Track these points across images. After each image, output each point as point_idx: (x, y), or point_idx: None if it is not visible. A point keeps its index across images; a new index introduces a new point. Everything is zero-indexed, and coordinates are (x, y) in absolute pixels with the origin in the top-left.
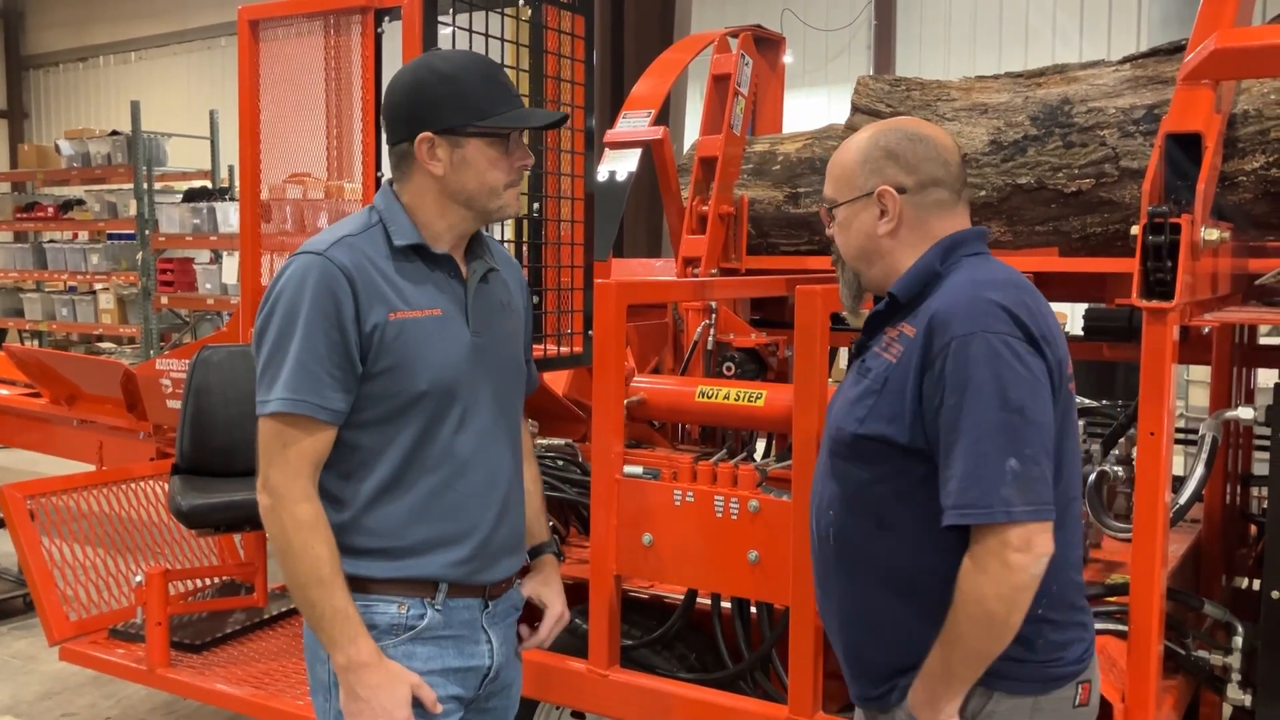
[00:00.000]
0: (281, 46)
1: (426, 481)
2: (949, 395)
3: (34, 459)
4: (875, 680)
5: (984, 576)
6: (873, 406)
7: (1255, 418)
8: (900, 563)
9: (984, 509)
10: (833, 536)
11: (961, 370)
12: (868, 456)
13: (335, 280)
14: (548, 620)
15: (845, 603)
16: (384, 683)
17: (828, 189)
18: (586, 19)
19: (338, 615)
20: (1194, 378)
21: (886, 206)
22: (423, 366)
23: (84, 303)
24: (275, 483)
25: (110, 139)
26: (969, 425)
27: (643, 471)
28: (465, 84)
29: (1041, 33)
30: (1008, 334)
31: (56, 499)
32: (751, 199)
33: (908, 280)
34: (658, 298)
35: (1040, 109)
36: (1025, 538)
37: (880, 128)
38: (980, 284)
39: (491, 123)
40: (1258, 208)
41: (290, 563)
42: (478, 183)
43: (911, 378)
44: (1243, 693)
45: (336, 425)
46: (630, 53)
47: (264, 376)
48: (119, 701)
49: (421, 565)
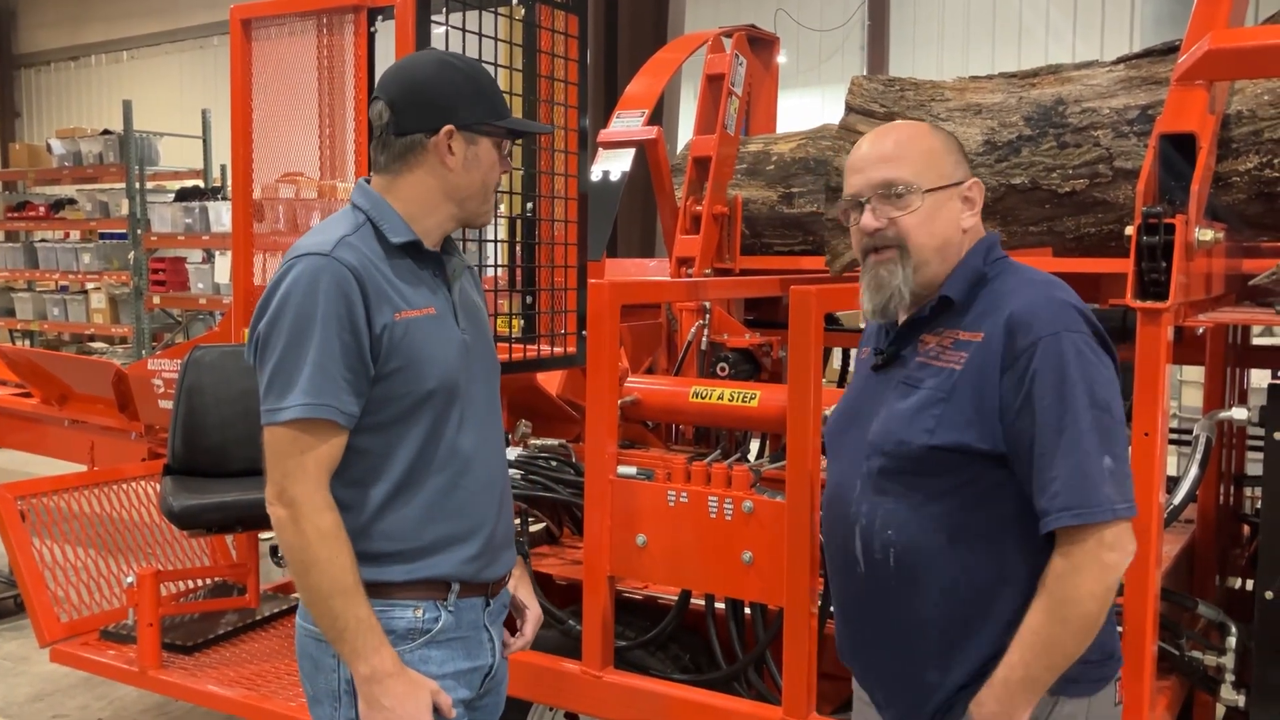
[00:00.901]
0: (274, 46)
1: (435, 481)
2: (1042, 396)
3: (25, 459)
4: (936, 704)
5: (1080, 576)
6: (941, 416)
7: (1249, 418)
8: (974, 574)
9: (1094, 508)
10: (893, 558)
11: (1055, 370)
12: (939, 468)
13: (346, 282)
14: (529, 621)
15: (905, 626)
16: (408, 692)
17: (903, 172)
18: (580, 18)
19: (362, 625)
20: (1187, 378)
21: (974, 198)
22: (429, 365)
23: (75, 302)
24: (295, 494)
25: (102, 138)
26: (1067, 425)
27: (636, 472)
28: (483, 85)
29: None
30: (1087, 334)
31: (47, 499)
32: (745, 199)
33: (959, 280)
34: (651, 298)
35: (1034, 109)
36: (1118, 536)
37: (924, 124)
38: (1046, 284)
39: (507, 124)
40: (1251, 208)
41: (313, 575)
42: (481, 182)
43: (991, 381)
44: (1236, 693)
45: (349, 430)
46: (624, 52)
47: (275, 382)
48: (111, 703)
49: (436, 565)
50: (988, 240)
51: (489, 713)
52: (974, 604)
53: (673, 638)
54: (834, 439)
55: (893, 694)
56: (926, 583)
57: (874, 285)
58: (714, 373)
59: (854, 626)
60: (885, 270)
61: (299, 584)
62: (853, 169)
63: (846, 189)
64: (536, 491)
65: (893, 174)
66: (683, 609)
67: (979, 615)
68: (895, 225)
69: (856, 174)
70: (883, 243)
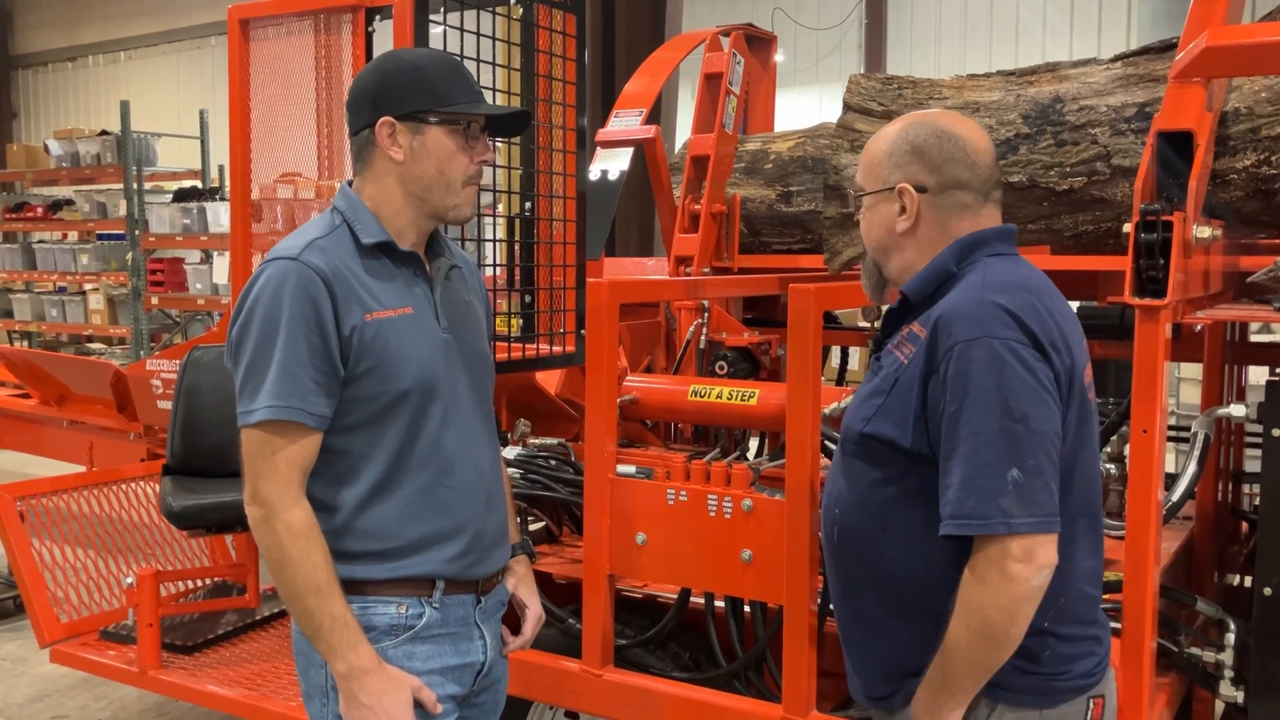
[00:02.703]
0: (272, 46)
1: (416, 479)
2: (950, 401)
3: (24, 460)
4: (879, 680)
5: (983, 586)
6: (880, 406)
7: (1247, 415)
8: (902, 567)
9: (982, 519)
10: (837, 535)
11: (963, 376)
12: (874, 457)
13: (313, 284)
14: (529, 620)
15: (848, 602)
16: (386, 688)
17: (858, 176)
18: (578, 17)
19: (336, 623)
20: (1185, 375)
21: (905, 204)
22: (403, 365)
23: (74, 303)
24: (267, 493)
25: (100, 139)
26: (969, 433)
27: (636, 471)
28: (430, 73)
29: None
30: (1013, 339)
31: (46, 500)
32: (744, 198)
33: (920, 279)
34: (650, 297)
35: (1032, 107)
36: (1027, 549)
37: (913, 120)
38: (989, 286)
39: (451, 109)
40: (1248, 205)
41: (287, 573)
42: (436, 173)
43: (917, 382)
44: (1235, 689)
45: (322, 431)
46: (621, 51)
47: (246, 386)
48: (110, 704)
49: (418, 563)
50: (970, 239)
51: (487, 711)
52: (899, 593)
53: (672, 636)
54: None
55: (852, 664)
56: (860, 564)
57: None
58: (713, 371)
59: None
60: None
61: (276, 582)
62: None
63: None
64: (536, 491)
65: (857, 176)
66: (682, 607)
67: (904, 606)
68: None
69: None
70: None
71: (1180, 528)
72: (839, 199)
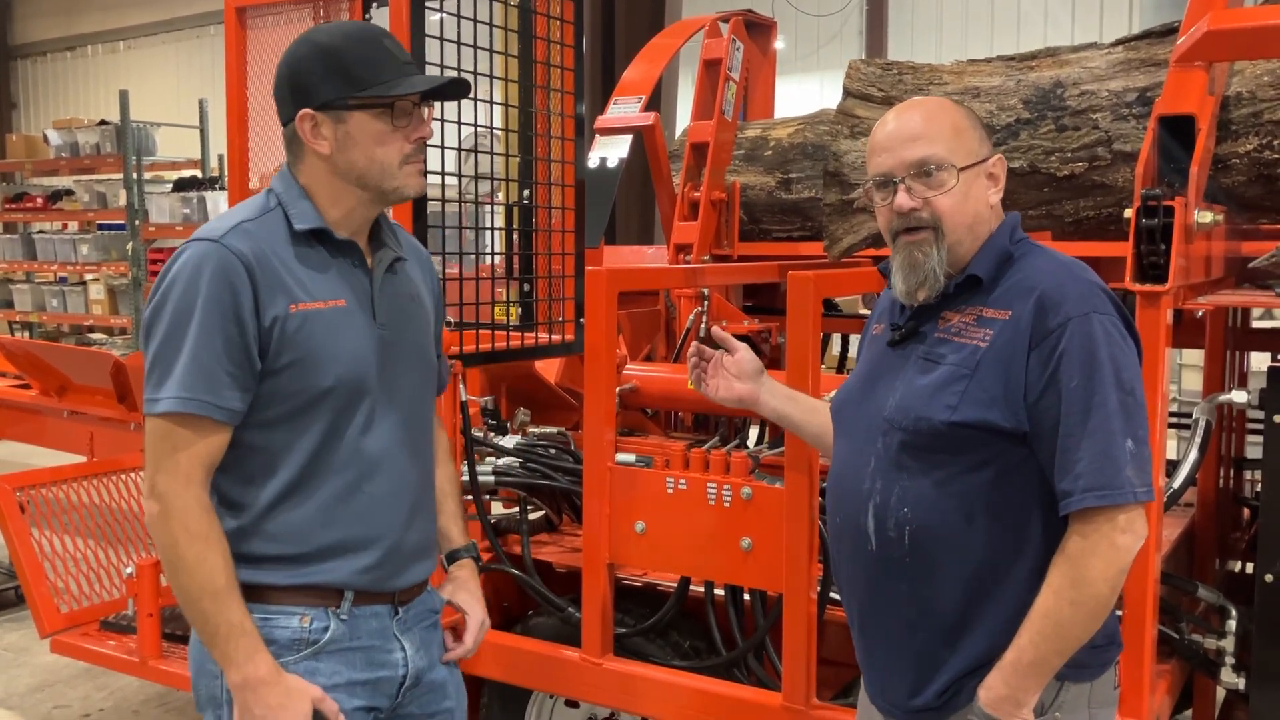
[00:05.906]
0: (269, 34)
1: (333, 483)
2: (1070, 376)
3: (25, 451)
4: (941, 687)
5: (1095, 558)
6: (964, 392)
7: (1249, 401)
8: (991, 554)
9: (1116, 489)
10: (909, 535)
11: (1084, 351)
12: (960, 445)
13: (233, 270)
14: (470, 628)
15: (917, 604)
16: (283, 701)
17: (936, 149)
18: (576, 4)
19: (233, 630)
20: (1187, 361)
21: (999, 175)
22: (328, 361)
23: (74, 294)
24: (164, 489)
25: (99, 129)
26: (1096, 404)
27: (635, 459)
28: (344, 55)
29: (1033, 16)
30: (1115, 316)
31: (47, 491)
32: (743, 185)
33: (986, 259)
34: (649, 285)
35: (1032, 92)
36: (1132, 520)
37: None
38: (1073, 265)
39: (370, 93)
40: (1250, 190)
41: (181, 576)
42: (367, 160)
43: (1018, 359)
44: (1236, 676)
45: (232, 426)
46: (621, 38)
47: (153, 372)
48: (111, 694)
49: (326, 572)
50: (1012, 220)
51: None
52: (988, 583)
53: (672, 625)
54: (843, 415)
55: (896, 673)
56: (942, 560)
57: (908, 266)
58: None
59: (861, 605)
60: (920, 252)
61: (170, 585)
62: (880, 148)
63: (873, 168)
64: (535, 479)
65: (926, 152)
66: (682, 596)
67: (993, 595)
68: (930, 205)
69: (885, 153)
70: (916, 223)
71: (1181, 514)
72: (839, 185)
